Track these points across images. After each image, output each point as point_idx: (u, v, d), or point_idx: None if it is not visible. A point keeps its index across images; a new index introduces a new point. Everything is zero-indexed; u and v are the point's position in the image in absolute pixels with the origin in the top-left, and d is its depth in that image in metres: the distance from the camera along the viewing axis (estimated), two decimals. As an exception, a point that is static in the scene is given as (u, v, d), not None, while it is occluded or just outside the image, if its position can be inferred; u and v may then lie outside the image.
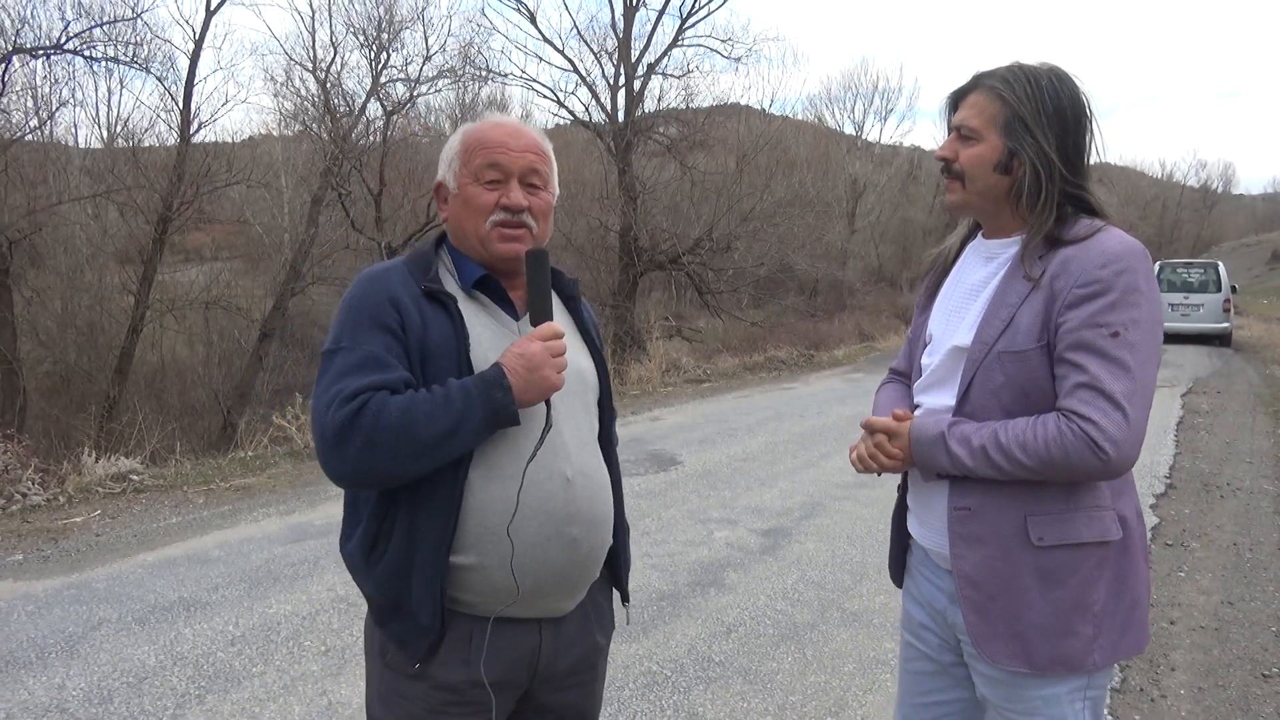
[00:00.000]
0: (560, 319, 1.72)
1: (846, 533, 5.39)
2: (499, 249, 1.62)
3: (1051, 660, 1.61)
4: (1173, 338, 17.94)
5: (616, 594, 1.87)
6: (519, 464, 1.54)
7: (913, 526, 1.84)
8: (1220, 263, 19.35)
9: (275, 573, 4.67)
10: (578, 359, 1.70)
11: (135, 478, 6.65)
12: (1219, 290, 18.10)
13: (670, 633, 3.96)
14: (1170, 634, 4.00)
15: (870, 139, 39.89)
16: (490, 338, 1.60)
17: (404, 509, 1.54)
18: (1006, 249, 1.71)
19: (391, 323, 1.53)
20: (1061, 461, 1.52)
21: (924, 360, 1.81)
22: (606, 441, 1.78)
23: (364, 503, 1.60)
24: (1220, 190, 71.64)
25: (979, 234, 1.82)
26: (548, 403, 1.56)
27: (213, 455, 8.18)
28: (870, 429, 1.73)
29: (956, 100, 1.75)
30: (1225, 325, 17.98)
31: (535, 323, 1.59)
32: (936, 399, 1.74)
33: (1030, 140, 1.62)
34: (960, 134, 1.69)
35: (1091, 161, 1.69)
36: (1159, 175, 66.53)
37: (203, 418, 14.07)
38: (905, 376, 1.97)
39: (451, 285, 1.63)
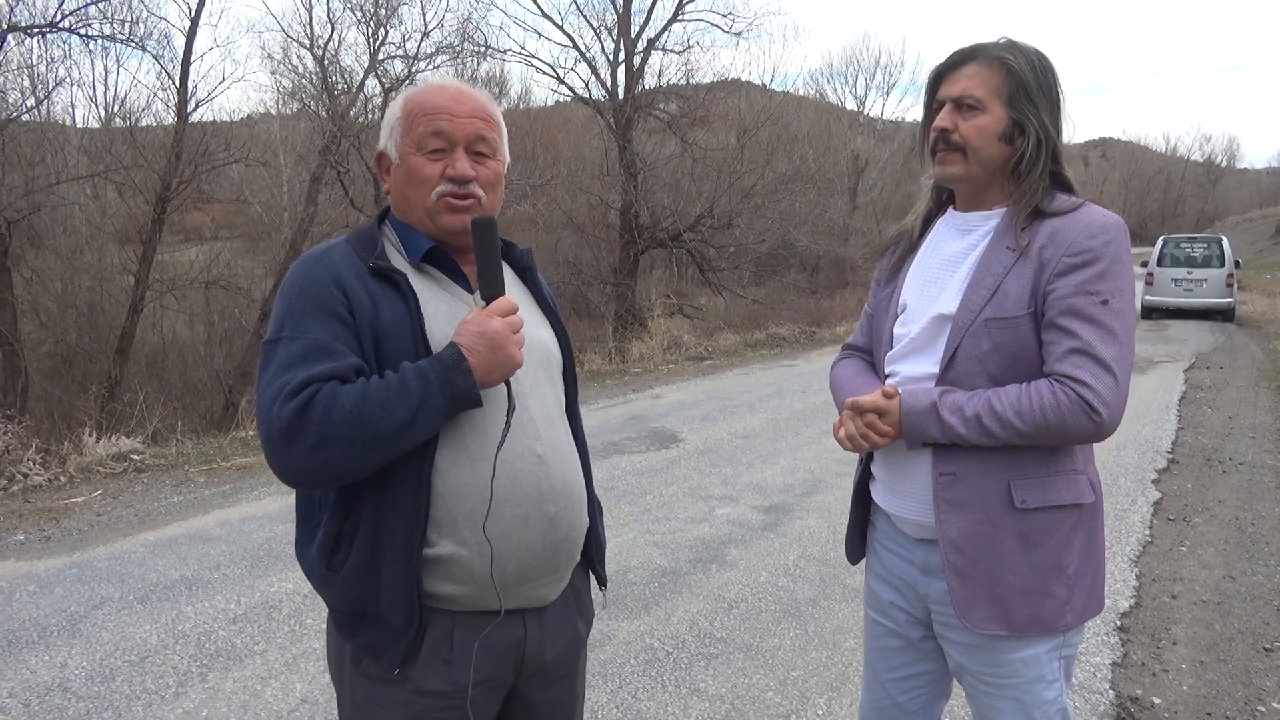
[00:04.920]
0: (516, 291, 1.63)
1: (848, 509, 5.37)
2: (446, 221, 1.52)
3: (1029, 621, 1.66)
4: (1176, 313, 17.87)
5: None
6: (487, 444, 1.46)
7: (882, 498, 1.85)
8: (1224, 237, 19.19)
9: (276, 551, 4.67)
10: (539, 332, 1.63)
11: (136, 457, 6.65)
12: (1222, 265, 17.97)
13: (672, 609, 3.96)
14: (1172, 608, 3.99)
15: (872, 114, 39.73)
16: (446, 313, 1.50)
17: (368, 504, 1.43)
18: (986, 221, 1.74)
19: (337, 307, 1.42)
20: (1056, 425, 1.56)
21: (897, 330, 1.81)
22: (573, 415, 1.70)
23: (320, 503, 1.49)
24: (1224, 164, 71.31)
25: (948, 209, 1.84)
26: (508, 383, 1.47)
27: (214, 435, 8.19)
28: (859, 409, 1.70)
29: (942, 74, 1.74)
30: (1228, 300, 17.87)
31: (487, 297, 1.49)
32: (914, 366, 1.75)
33: (1034, 111, 1.65)
34: (960, 105, 1.68)
35: (1064, 140, 1.74)
36: (1163, 150, 66.23)
37: (204, 397, 14.09)
38: (863, 352, 1.98)
39: (399, 261, 1.53)
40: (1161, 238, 19.39)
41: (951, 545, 1.67)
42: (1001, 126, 1.66)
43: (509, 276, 1.65)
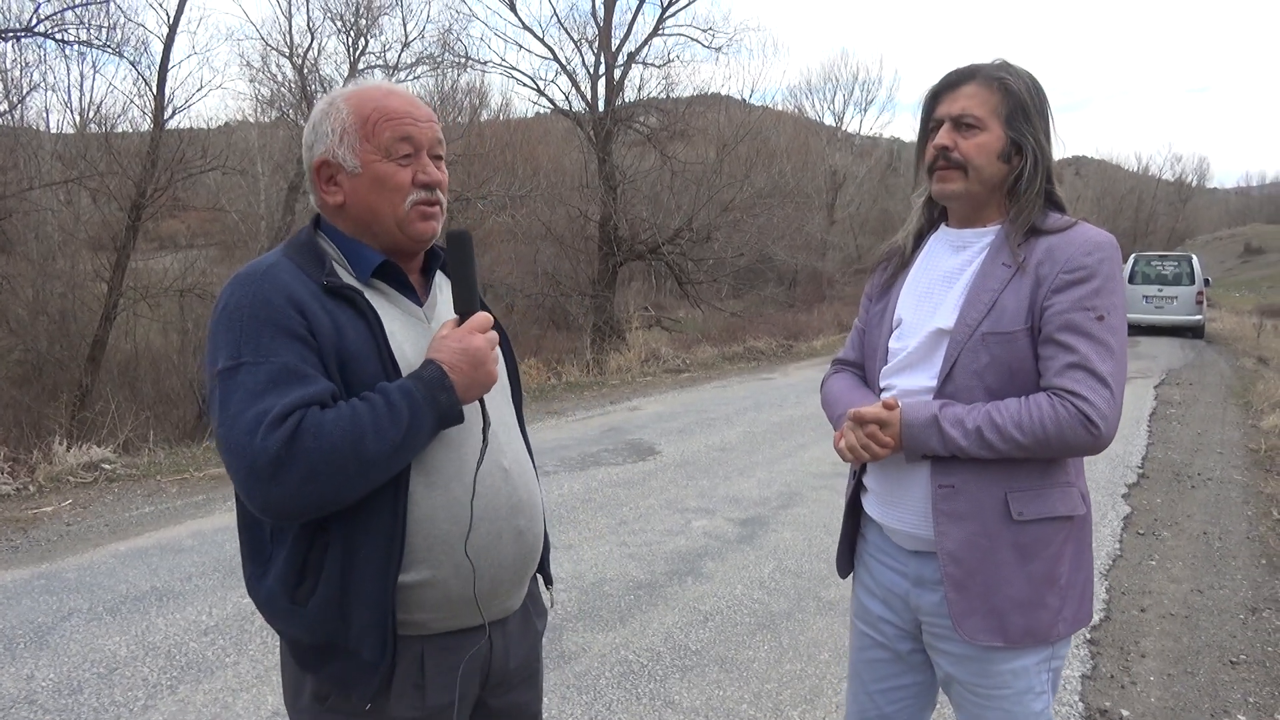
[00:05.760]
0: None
1: (823, 522, 5.41)
2: (419, 230, 1.47)
3: (1023, 633, 1.68)
4: (1146, 330, 18.12)
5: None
6: (457, 465, 1.43)
7: (875, 510, 1.85)
8: (1194, 255, 19.52)
9: (249, 562, 4.62)
10: None
11: (107, 467, 6.57)
12: (1192, 283, 18.28)
13: (647, 621, 3.97)
14: (1141, 621, 4.04)
15: (850, 130, 40.09)
16: (401, 330, 1.45)
17: (337, 534, 1.36)
18: (981, 238, 1.76)
19: (297, 328, 1.32)
20: (1056, 438, 1.59)
21: (893, 344, 1.82)
22: (520, 419, 1.68)
23: (277, 535, 1.40)
24: (1194, 184, 72.25)
25: (941, 225, 1.86)
26: (481, 399, 1.44)
27: (187, 444, 8.10)
28: (861, 420, 1.71)
29: (939, 94, 1.77)
30: (1198, 317, 18.17)
31: (463, 312, 1.46)
32: (911, 380, 1.76)
33: (1030, 130, 1.70)
34: (960, 123, 1.71)
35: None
36: (1135, 169, 67.09)
37: (177, 406, 13.91)
38: (854, 366, 2.00)
39: (348, 278, 1.45)
40: (1133, 255, 19.68)
41: (950, 557, 1.69)
42: (1000, 145, 1.69)
43: (448, 285, 1.61)
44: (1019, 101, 1.69)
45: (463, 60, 18.06)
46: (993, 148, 1.69)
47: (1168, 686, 3.44)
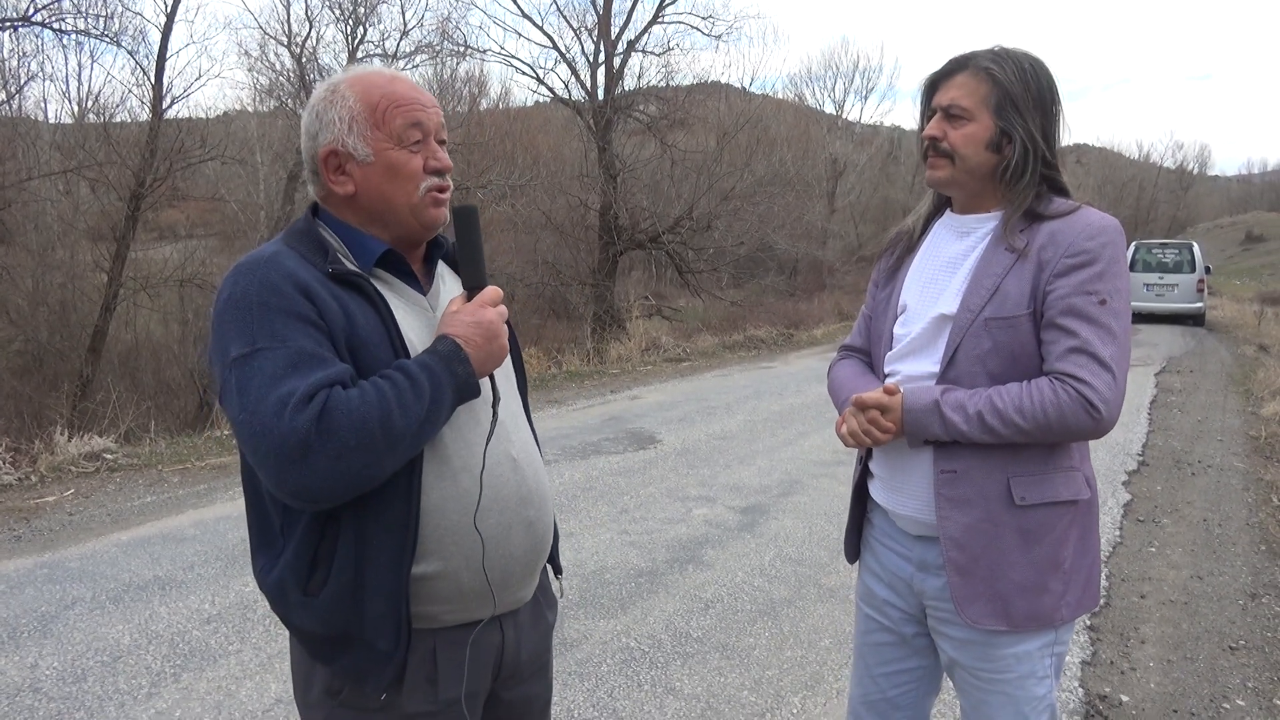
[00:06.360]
0: (457, 288, 1.55)
1: (824, 510, 5.42)
2: (432, 216, 1.45)
3: (1027, 617, 1.69)
4: (1147, 317, 18.11)
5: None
6: (466, 453, 1.41)
7: (881, 495, 1.87)
8: (1195, 243, 19.49)
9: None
10: None
11: (109, 457, 6.58)
12: (1193, 271, 18.27)
13: (648, 609, 3.98)
14: (1141, 608, 4.06)
15: (851, 118, 39.96)
16: (404, 318, 1.42)
17: (349, 523, 1.34)
18: (983, 224, 1.77)
19: (308, 313, 1.30)
20: (1057, 422, 1.59)
21: (897, 330, 1.84)
22: (527, 411, 1.67)
23: (289, 525, 1.38)
24: (1196, 172, 72.00)
25: (946, 210, 1.87)
26: (491, 375, 1.44)
27: (188, 434, 8.11)
28: (862, 406, 1.72)
29: (936, 82, 1.78)
30: (1199, 305, 18.16)
31: (472, 286, 1.45)
32: (915, 366, 1.77)
33: (1020, 120, 1.69)
34: (949, 113, 1.73)
35: (1060, 145, 1.77)
36: (1136, 156, 66.85)
37: (178, 396, 13.95)
38: (861, 352, 2.02)
39: (350, 266, 1.42)
40: (1134, 243, 19.64)
41: (952, 542, 1.70)
42: (989, 135, 1.70)
43: (449, 274, 1.60)
44: (1007, 91, 1.69)
45: (462, 49, 18.04)
46: (980, 138, 1.70)
47: (1167, 672, 3.46)
